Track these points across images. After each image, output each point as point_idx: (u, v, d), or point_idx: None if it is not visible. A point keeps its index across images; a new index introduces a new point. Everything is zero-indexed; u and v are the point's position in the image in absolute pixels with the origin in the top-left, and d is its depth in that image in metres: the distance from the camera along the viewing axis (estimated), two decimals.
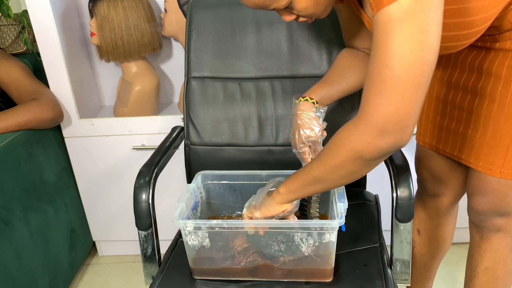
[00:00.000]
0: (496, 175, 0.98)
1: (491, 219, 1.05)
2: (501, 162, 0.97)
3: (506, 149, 0.95)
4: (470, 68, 0.99)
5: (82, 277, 1.79)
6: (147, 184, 1.00)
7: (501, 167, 0.97)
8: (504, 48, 0.91)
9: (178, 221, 0.91)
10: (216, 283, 0.95)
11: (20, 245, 1.37)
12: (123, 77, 1.73)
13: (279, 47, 1.27)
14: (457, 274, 1.63)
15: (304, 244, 0.91)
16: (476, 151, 1.00)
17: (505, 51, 0.91)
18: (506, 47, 0.91)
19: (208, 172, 1.10)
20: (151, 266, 1.02)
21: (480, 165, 1.00)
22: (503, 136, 0.95)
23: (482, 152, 0.99)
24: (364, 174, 0.76)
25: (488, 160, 0.98)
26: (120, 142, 1.65)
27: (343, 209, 0.89)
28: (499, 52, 0.92)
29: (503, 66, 0.92)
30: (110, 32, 1.57)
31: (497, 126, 0.95)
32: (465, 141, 1.03)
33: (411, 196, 0.93)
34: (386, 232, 1.04)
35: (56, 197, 1.57)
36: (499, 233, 1.07)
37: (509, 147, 0.95)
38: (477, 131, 0.99)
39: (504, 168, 0.97)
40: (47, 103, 1.45)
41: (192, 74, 1.30)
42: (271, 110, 1.26)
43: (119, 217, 1.78)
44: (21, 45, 1.70)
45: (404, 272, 0.98)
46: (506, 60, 0.91)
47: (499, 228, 1.06)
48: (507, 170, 0.97)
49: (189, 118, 1.28)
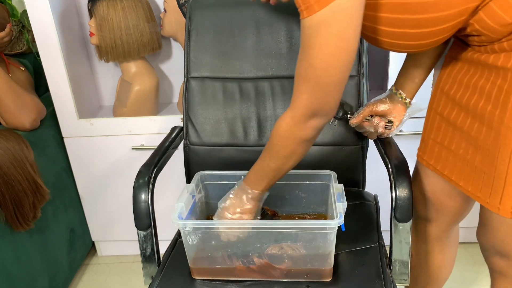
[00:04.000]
0: (495, 211, 0.86)
1: (492, 257, 0.99)
2: (499, 197, 0.85)
3: (503, 181, 0.83)
4: (473, 89, 0.88)
5: (81, 277, 1.79)
6: (147, 184, 1.00)
7: (499, 202, 0.85)
8: (500, 66, 0.81)
9: (178, 221, 0.91)
10: (216, 283, 0.95)
11: (20, 245, 1.37)
12: (123, 77, 1.73)
13: (279, 47, 1.27)
14: (457, 274, 1.63)
15: (304, 244, 0.91)
16: (474, 180, 0.90)
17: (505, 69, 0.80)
18: (498, 64, 0.81)
19: (208, 172, 1.10)
20: (151, 266, 1.02)
21: (478, 196, 0.89)
22: (499, 167, 0.83)
23: (480, 182, 0.88)
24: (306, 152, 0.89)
25: (486, 192, 0.87)
26: (120, 142, 1.65)
27: (342, 209, 0.89)
28: (498, 70, 0.82)
29: (495, 86, 0.82)
30: (109, 32, 1.57)
31: (493, 153, 0.84)
32: (464, 167, 0.92)
33: (410, 196, 0.93)
34: (385, 232, 1.04)
35: (56, 197, 1.57)
36: (501, 277, 0.99)
37: (505, 180, 0.83)
38: (475, 158, 0.89)
39: (503, 204, 0.85)
40: None
41: (192, 74, 1.30)
42: (271, 110, 1.26)
43: (119, 217, 1.78)
44: (20, 45, 1.70)
45: (403, 272, 0.98)
46: (497, 80, 0.82)
47: (500, 270, 0.98)
48: (506, 207, 0.84)
49: (189, 118, 1.28)
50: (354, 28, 0.74)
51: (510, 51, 0.79)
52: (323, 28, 0.72)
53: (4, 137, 1.31)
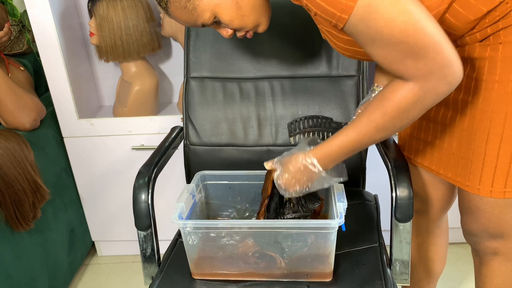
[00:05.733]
0: (474, 192, 0.91)
1: (484, 241, 1.00)
2: (478, 179, 0.90)
3: (481, 163, 0.88)
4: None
5: (81, 278, 1.79)
6: (147, 184, 1.00)
7: (478, 183, 0.90)
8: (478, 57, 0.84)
9: (178, 221, 0.91)
10: (216, 283, 0.95)
11: (19, 245, 1.36)
12: (123, 77, 1.72)
13: (278, 47, 1.27)
14: (456, 274, 1.63)
15: (304, 244, 0.91)
16: (453, 166, 0.95)
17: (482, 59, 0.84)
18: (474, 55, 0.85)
19: (208, 172, 1.10)
20: (151, 266, 1.01)
21: (458, 180, 0.95)
22: (476, 151, 0.88)
23: (459, 167, 0.93)
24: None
25: (465, 176, 0.92)
26: (120, 142, 1.65)
27: (343, 209, 0.89)
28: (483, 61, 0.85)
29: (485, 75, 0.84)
30: (109, 32, 1.57)
31: (469, 139, 0.89)
32: (442, 155, 0.98)
33: (410, 196, 0.93)
34: (385, 232, 1.04)
35: (56, 197, 1.57)
36: (497, 257, 1.00)
37: (483, 162, 0.88)
38: (452, 145, 0.94)
39: (482, 185, 0.90)
40: None
41: (191, 74, 1.30)
42: (270, 110, 1.26)
43: (119, 217, 1.78)
44: (20, 45, 1.70)
45: (403, 272, 0.98)
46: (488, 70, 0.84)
47: (496, 252, 1.00)
48: (485, 187, 0.90)
49: (188, 118, 1.28)
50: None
51: (472, 43, 0.85)
52: (374, 10, 0.69)
53: (4, 137, 1.31)
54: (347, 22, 0.72)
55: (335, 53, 1.26)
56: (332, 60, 1.26)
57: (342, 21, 0.72)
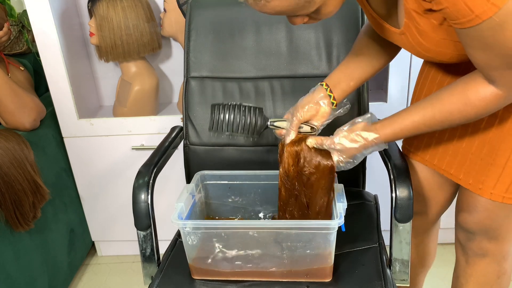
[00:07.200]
0: (486, 196, 0.91)
1: (479, 241, 0.99)
2: (493, 183, 0.89)
3: (501, 169, 0.88)
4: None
5: (81, 278, 1.79)
6: (146, 184, 1.00)
7: (492, 188, 0.90)
8: None
9: (177, 221, 0.91)
10: (215, 283, 0.95)
11: (19, 245, 1.37)
12: (123, 77, 1.73)
13: (278, 47, 1.27)
14: None
15: (304, 244, 0.91)
16: (468, 167, 0.94)
17: None
18: None
19: (207, 172, 1.10)
20: (150, 266, 1.01)
21: (470, 183, 0.94)
22: (500, 154, 0.88)
23: (474, 169, 0.92)
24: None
25: (479, 178, 0.92)
26: (119, 142, 1.65)
27: (343, 209, 0.89)
28: None
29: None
30: (109, 32, 1.57)
31: (494, 142, 0.88)
32: (457, 155, 0.96)
33: (410, 197, 0.93)
34: (385, 232, 1.04)
35: (56, 197, 1.57)
36: (486, 258, 1.01)
37: (504, 167, 0.88)
38: (472, 146, 0.93)
39: (496, 189, 0.89)
40: None
41: (191, 74, 1.30)
42: (270, 110, 1.26)
43: (118, 217, 1.78)
44: (20, 45, 1.70)
45: (403, 272, 0.98)
46: None
47: (486, 253, 1.00)
48: (498, 192, 0.89)
49: (188, 118, 1.28)
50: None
51: None
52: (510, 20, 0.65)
53: (4, 137, 1.31)
54: (479, 24, 0.67)
55: (335, 53, 1.26)
56: (332, 60, 1.26)
57: (475, 21, 0.67)
